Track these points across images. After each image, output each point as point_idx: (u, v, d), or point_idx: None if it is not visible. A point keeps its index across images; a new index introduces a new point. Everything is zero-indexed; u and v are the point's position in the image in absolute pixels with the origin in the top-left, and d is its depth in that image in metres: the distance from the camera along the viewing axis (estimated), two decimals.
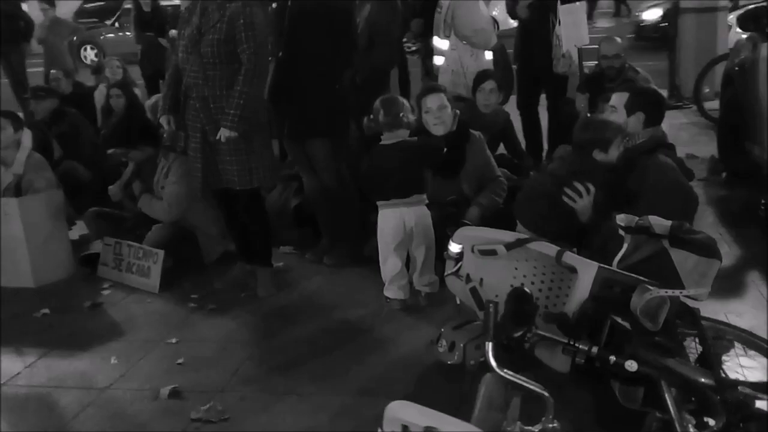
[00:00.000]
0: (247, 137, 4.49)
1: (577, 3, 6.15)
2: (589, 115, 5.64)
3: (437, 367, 3.79)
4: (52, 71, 8.62)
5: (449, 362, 3.76)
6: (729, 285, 4.55)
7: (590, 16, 14.88)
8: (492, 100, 5.58)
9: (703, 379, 2.75)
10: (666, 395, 2.61)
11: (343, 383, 3.73)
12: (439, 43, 6.50)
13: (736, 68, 6.15)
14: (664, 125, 4.33)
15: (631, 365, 2.46)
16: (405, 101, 4.38)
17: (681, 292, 3.09)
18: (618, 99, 4.22)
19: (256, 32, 4.40)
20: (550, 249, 3.35)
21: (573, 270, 3.25)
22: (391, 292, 4.44)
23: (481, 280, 3.45)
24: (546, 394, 2.38)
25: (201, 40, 4.44)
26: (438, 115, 4.59)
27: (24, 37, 11.44)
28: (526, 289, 2.79)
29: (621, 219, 3.48)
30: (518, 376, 2.59)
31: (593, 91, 5.47)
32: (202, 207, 5.23)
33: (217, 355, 4.12)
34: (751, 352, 3.43)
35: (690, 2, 9.43)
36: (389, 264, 4.38)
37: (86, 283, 5.25)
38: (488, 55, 6.54)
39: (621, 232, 3.41)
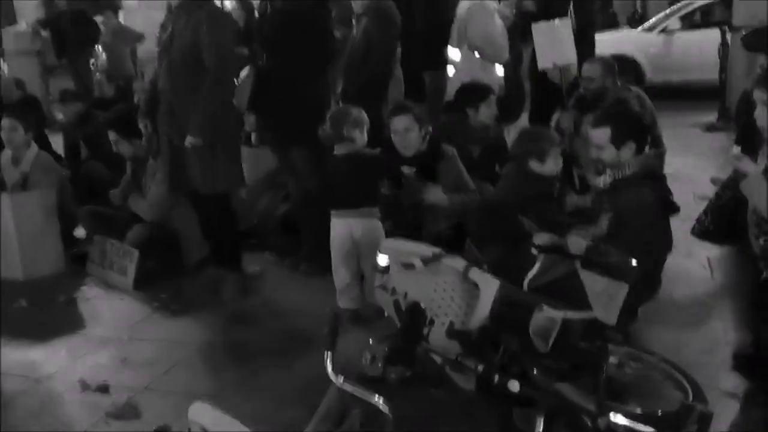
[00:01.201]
0: (212, 142, 4.55)
1: (557, 21, 5.96)
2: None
3: (359, 380, 3.74)
4: (96, 75, 8.94)
5: (371, 375, 3.70)
6: (697, 315, 4.38)
7: None
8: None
9: (583, 404, 2.64)
10: (537, 419, 2.53)
11: (264, 390, 3.73)
12: (452, 53, 6.42)
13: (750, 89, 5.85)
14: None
15: (514, 386, 2.39)
16: (359, 116, 4.30)
17: (574, 314, 2.99)
18: (600, 135, 3.82)
19: (220, 40, 4.48)
20: (459, 264, 3.28)
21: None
22: (343, 302, 4.40)
23: (406, 293, 3.42)
24: (385, 409, 2.33)
25: (171, 48, 4.55)
26: (403, 137, 4.51)
27: (90, 43, 11.93)
28: (421, 304, 2.74)
29: (537, 238, 3.38)
30: (358, 388, 2.54)
31: (581, 110, 5.32)
32: (185, 210, 5.33)
33: (158, 354, 4.21)
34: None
35: (741, 20, 9.02)
36: (339, 274, 4.35)
37: (72, 278, 5.43)
38: (500, 70, 6.43)
39: (534, 251, 3.32)
